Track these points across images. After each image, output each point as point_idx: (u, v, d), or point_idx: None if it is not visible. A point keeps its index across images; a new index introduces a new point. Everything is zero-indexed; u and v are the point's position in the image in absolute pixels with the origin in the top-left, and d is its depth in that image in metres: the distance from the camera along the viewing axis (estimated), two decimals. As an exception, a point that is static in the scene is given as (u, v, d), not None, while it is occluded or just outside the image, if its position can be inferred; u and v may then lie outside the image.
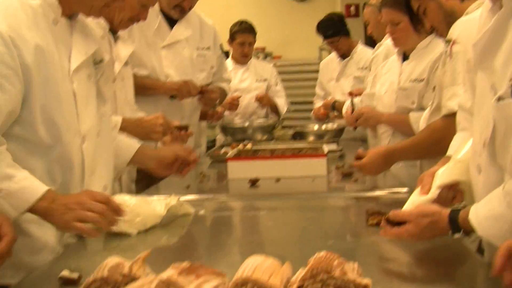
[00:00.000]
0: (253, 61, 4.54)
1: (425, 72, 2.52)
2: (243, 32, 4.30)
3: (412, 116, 2.53)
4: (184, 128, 2.31)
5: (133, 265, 1.16)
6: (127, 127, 2.14)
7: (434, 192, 1.35)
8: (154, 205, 1.74)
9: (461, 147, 1.44)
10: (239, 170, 2.55)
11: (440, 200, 1.36)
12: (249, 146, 3.19)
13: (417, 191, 1.42)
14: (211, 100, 2.97)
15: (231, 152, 2.77)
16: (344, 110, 3.27)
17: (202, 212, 1.97)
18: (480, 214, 1.17)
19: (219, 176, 2.80)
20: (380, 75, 2.90)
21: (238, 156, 2.70)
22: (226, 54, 4.15)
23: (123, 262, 1.19)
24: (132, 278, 1.12)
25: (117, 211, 1.53)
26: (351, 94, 3.61)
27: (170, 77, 2.84)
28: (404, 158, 2.18)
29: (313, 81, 6.83)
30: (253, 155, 2.75)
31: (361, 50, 4.12)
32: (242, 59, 4.38)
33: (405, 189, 2.11)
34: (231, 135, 3.89)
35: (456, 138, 1.56)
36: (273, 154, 2.69)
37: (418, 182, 1.45)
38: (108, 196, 1.57)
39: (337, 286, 1.07)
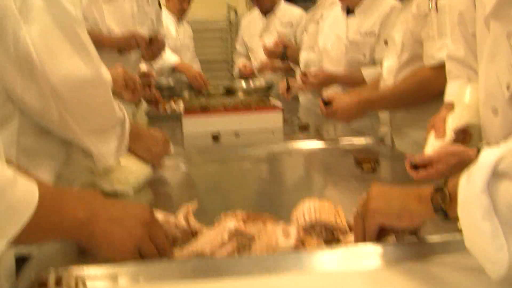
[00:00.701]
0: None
1: (375, 26, 2.59)
2: None
3: (365, 71, 2.61)
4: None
5: (189, 218, 1.12)
6: None
7: (450, 135, 1.42)
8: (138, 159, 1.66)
9: (462, 93, 1.52)
10: (195, 126, 2.52)
11: (453, 142, 1.44)
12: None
13: (432, 136, 1.48)
14: (159, 50, 2.85)
15: (181, 108, 2.70)
16: (301, 64, 3.27)
17: (182, 167, 1.93)
18: None
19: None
20: (322, 29, 2.94)
21: (190, 111, 2.64)
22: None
23: (167, 216, 1.14)
24: (192, 233, 1.09)
25: None
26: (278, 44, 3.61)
27: (112, 32, 2.69)
28: (382, 108, 2.24)
29: (221, 40, 6.85)
30: (204, 110, 2.71)
31: (284, 6, 4.15)
32: (179, 13, 4.38)
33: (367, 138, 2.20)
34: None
35: (451, 85, 1.63)
36: (226, 109, 2.67)
37: (429, 127, 1.51)
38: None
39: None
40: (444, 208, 0.86)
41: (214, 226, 1.06)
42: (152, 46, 2.80)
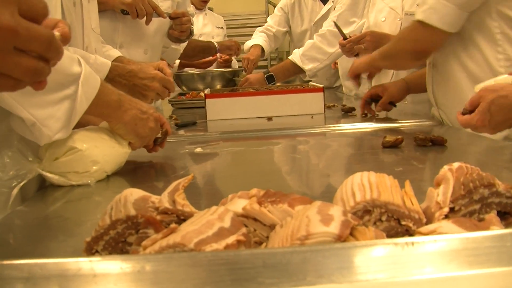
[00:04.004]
0: (207, 10, 4.37)
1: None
2: None
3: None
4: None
5: (177, 197, 0.73)
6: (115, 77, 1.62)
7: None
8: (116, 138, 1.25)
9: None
10: (219, 109, 2.15)
11: None
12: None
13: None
14: (184, 24, 2.48)
15: (207, 90, 2.34)
16: None
17: (198, 149, 1.56)
18: None
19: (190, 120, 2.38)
20: (374, 2, 2.53)
21: (214, 94, 2.27)
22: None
23: (148, 194, 0.76)
24: (182, 216, 0.70)
25: None
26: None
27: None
28: (385, 64, 1.97)
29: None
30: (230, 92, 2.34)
31: None
32: (201, 4, 4.17)
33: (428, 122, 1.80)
34: (186, 84, 3.45)
35: None
36: (258, 91, 2.29)
37: None
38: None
39: (502, 206, 0.71)
40: None
41: (212, 209, 0.67)
42: (175, 22, 2.44)
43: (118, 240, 0.69)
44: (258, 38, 3.72)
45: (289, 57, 3.05)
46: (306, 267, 0.48)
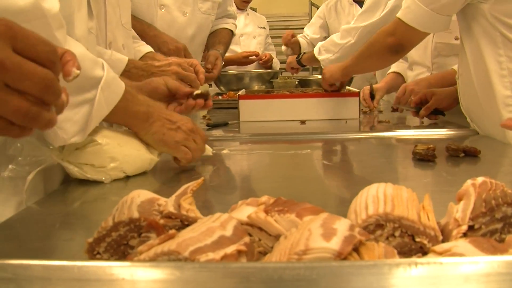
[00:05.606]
0: (249, 9, 4.39)
1: None
2: None
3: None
4: (203, 96, 1.45)
5: (183, 201, 0.71)
6: (131, 69, 1.57)
7: None
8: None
9: None
10: (253, 110, 2.12)
11: None
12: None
13: None
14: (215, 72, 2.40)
15: (242, 91, 2.32)
16: None
17: (225, 151, 1.54)
18: None
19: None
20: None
21: (248, 95, 2.25)
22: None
23: (157, 197, 0.74)
24: (185, 221, 0.68)
25: None
26: None
27: (165, 7, 2.35)
28: (356, 69, 2.04)
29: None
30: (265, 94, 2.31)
31: None
32: (243, 4, 4.15)
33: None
34: (224, 84, 3.45)
35: None
36: (293, 94, 2.26)
37: None
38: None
39: (527, 227, 0.66)
40: None
41: (215, 216, 0.64)
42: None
43: (120, 242, 0.68)
44: None
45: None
46: (298, 284, 0.45)
